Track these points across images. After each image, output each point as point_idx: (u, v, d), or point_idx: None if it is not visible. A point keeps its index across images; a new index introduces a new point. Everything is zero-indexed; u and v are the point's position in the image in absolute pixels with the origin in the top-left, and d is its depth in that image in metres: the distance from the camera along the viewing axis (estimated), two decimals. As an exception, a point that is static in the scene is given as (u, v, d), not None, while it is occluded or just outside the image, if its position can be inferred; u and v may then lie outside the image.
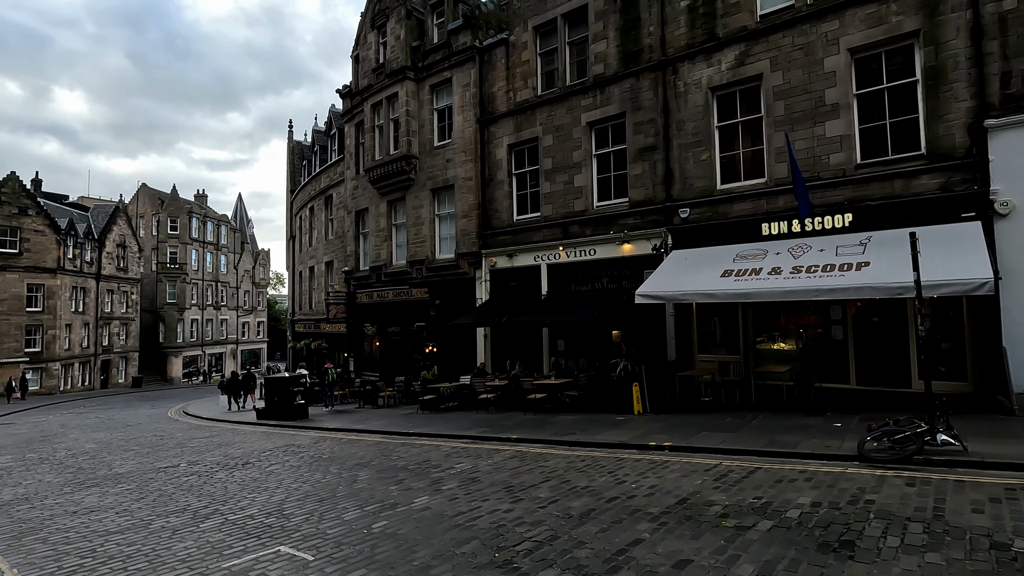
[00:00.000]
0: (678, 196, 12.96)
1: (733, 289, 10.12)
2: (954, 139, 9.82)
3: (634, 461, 7.69)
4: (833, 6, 11.02)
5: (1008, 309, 9.19)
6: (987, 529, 4.28)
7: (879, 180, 10.50)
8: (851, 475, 6.11)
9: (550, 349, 15.33)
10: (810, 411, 10.00)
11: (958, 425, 7.68)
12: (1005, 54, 9.41)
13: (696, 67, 12.76)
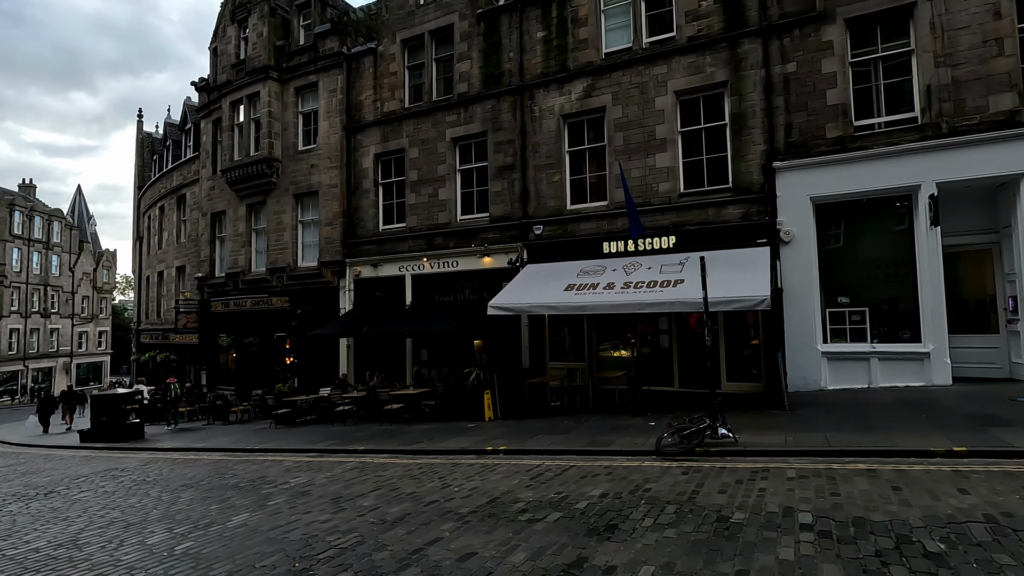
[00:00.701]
0: (533, 214, 13.79)
1: (572, 302, 11.00)
2: (752, 176, 11.57)
3: (468, 466, 8.08)
4: (663, 52, 12.49)
5: (789, 320, 10.99)
6: (719, 506, 5.17)
7: (697, 208, 12.03)
8: (644, 468, 6.98)
9: (413, 359, 15.44)
10: (635, 412, 11.13)
11: (745, 420, 9.05)
12: (788, 108, 11.30)
13: (550, 95, 13.73)
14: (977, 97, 9.87)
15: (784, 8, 11.41)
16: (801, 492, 5.38)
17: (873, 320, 10.90)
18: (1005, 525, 4.15)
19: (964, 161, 9.89)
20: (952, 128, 9.99)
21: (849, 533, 4.27)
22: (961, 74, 9.98)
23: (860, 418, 8.25)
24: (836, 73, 10.90)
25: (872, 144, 10.55)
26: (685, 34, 12.29)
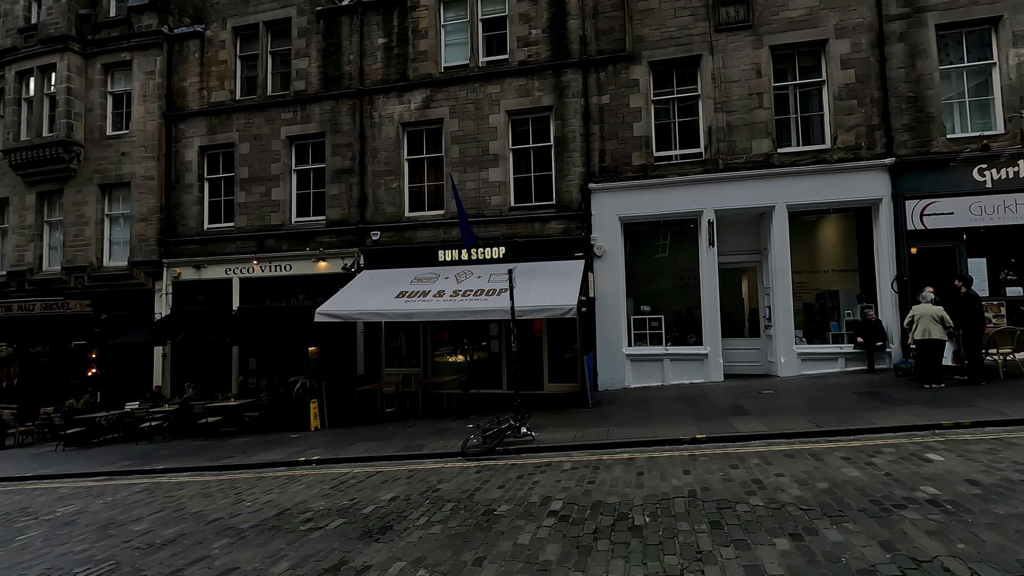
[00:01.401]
0: (371, 219, 13.72)
1: (401, 309, 11.16)
2: (572, 195, 12.67)
3: (272, 479, 7.85)
4: (497, 73, 13.19)
5: (600, 326, 12.21)
6: (492, 500, 5.68)
7: (525, 221, 12.87)
8: (445, 469, 7.36)
9: (240, 368, 14.48)
10: (462, 415, 11.59)
11: (552, 418, 9.86)
12: (603, 136, 12.57)
13: (390, 102, 13.78)
14: (744, 140, 11.84)
15: (600, 45, 12.69)
16: (567, 482, 6.08)
17: (668, 326, 12.51)
18: (700, 499, 5.10)
19: (734, 193, 11.80)
20: (726, 164, 11.87)
21: (584, 515, 4.95)
22: (734, 119, 11.91)
23: (643, 412, 9.46)
24: (641, 108, 12.37)
25: (667, 173, 12.14)
26: (517, 58, 13.11)
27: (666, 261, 13.13)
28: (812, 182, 11.47)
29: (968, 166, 10.82)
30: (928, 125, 11.06)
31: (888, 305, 11.14)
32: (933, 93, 11.08)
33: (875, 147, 11.24)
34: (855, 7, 11.47)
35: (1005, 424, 6.60)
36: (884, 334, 11.04)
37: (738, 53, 11.93)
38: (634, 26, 12.51)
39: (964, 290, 9.07)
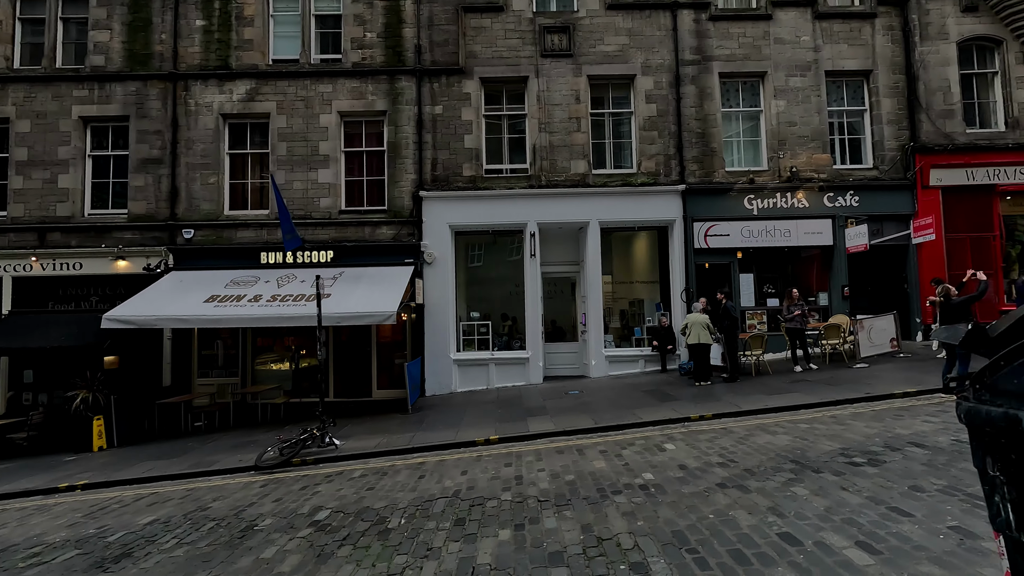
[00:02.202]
0: (183, 216, 12.56)
1: (208, 315, 10.36)
2: (404, 201, 12.73)
3: (17, 510, 6.85)
4: (329, 72, 12.83)
5: (428, 332, 12.39)
6: (260, 515, 5.52)
7: (356, 225, 12.66)
8: (229, 485, 6.98)
9: (11, 383, 12.39)
10: (279, 426, 11.05)
11: (368, 425, 9.79)
12: (435, 145, 12.81)
13: (209, 90, 12.75)
14: (565, 160, 12.80)
15: (435, 56, 12.93)
16: (347, 490, 6.11)
17: (496, 331, 13.08)
18: (461, 498, 5.43)
19: (555, 208, 12.70)
20: (548, 181, 12.74)
21: (344, 523, 5.02)
22: (555, 140, 12.83)
23: (456, 416, 9.78)
24: (472, 122, 12.82)
25: (496, 186, 12.72)
26: (351, 59, 12.88)
27: (498, 269, 13.72)
28: (621, 202, 12.74)
29: (741, 195, 12.77)
30: (712, 158, 12.86)
31: (679, 313, 12.72)
32: (716, 131, 12.91)
33: (671, 174, 12.81)
34: (658, 49, 12.98)
35: (735, 415, 7.91)
36: (674, 338, 12.59)
37: (561, 79, 12.89)
38: (467, 42, 12.94)
39: (724, 301, 10.68)
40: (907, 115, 12.98)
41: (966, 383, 1.90)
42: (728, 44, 13.03)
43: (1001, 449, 1.76)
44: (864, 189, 12.83)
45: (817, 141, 12.90)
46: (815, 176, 12.79)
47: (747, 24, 13.06)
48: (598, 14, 13.02)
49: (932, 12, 13.06)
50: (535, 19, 12.97)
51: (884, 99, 13.03)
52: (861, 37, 13.11)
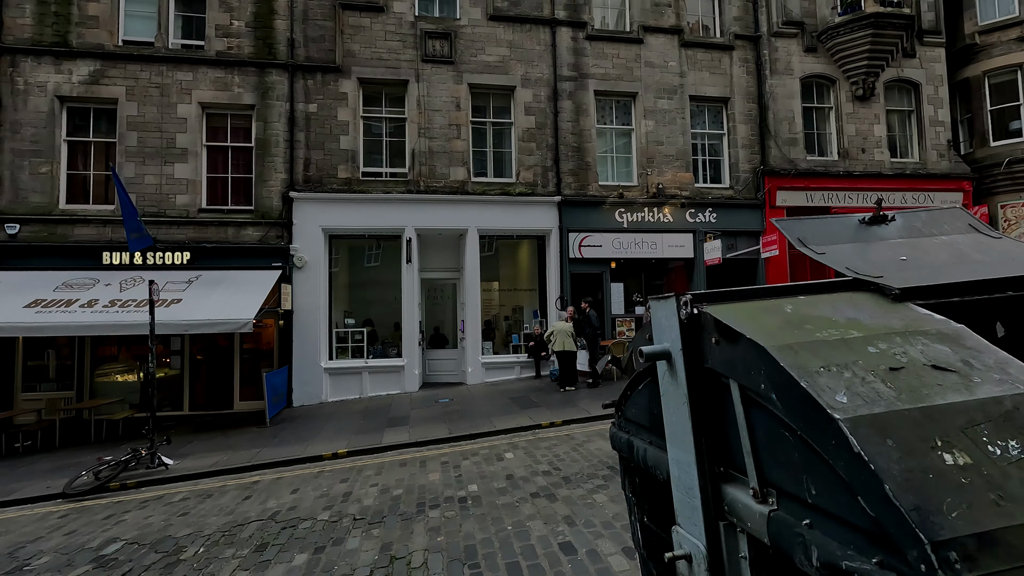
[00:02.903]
0: (7, 209, 11.08)
1: (27, 323, 9.21)
2: (273, 202, 12.08)
3: None
4: (190, 59, 11.90)
5: (297, 339, 11.83)
6: (38, 552, 4.94)
7: (217, 225, 11.82)
8: (22, 517, 6.21)
9: None
10: (113, 443, 10.03)
11: (216, 441, 9.13)
12: (309, 144, 12.28)
13: (42, 68, 11.37)
14: (444, 166, 12.77)
15: (310, 52, 12.41)
16: (156, 517, 5.62)
17: (372, 338, 12.75)
18: (276, 520, 5.18)
19: (434, 214, 12.62)
20: (427, 187, 12.64)
21: (134, 556, 4.60)
22: (435, 146, 12.76)
23: (315, 429, 9.40)
24: (349, 122, 12.44)
25: (373, 189, 12.42)
26: (215, 47, 12.03)
27: (378, 274, 13.40)
28: (500, 210, 12.91)
29: (613, 209, 13.40)
30: (587, 172, 13.39)
31: (554, 320, 13.08)
32: (591, 146, 13.47)
33: (548, 185, 13.18)
34: (537, 63, 13.32)
35: (584, 420, 8.24)
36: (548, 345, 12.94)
37: (442, 85, 12.85)
38: (345, 40, 12.55)
39: (587, 310, 11.14)
40: (759, 141, 14.29)
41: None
42: (603, 63, 13.66)
43: (631, 472, 1.91)
44: (721, 207, 13.94)
45: (681, 160, 13.84)
46: (679, 193, 13.72)
47: (621, 46, 13.76)
48: (480, 24, 13.14)
49: (780, 49, 14.49)
50: (417, 23, 12.84)
51: (740, 125, 14.26)
52: (721, 67, 14.26)
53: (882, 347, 1.09)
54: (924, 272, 1.39)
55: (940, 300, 1.31)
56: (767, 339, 1.10)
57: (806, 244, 1.60)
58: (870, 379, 1.00)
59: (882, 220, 1.69)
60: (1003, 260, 1.48)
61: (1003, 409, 0.93)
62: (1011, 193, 15.33)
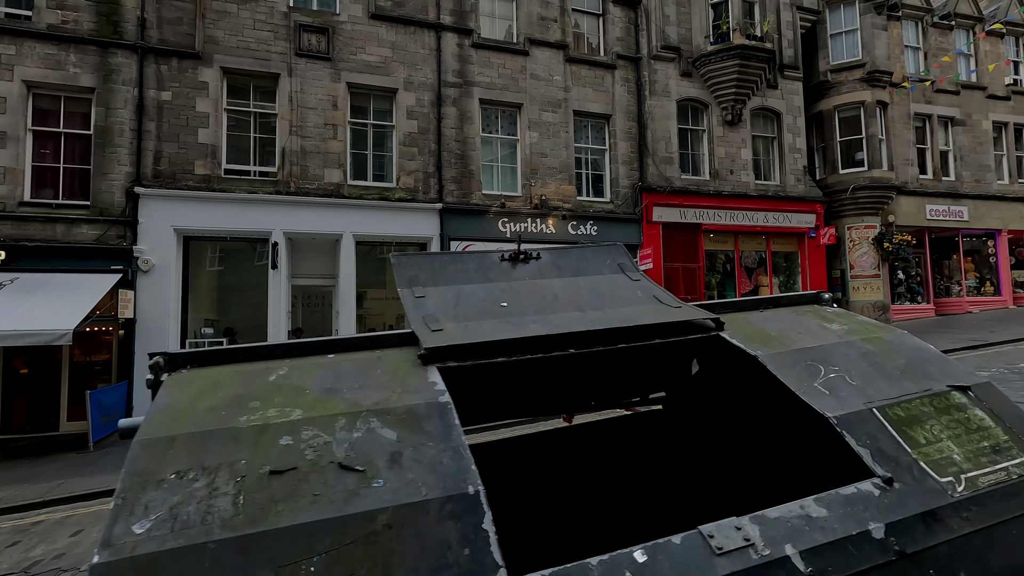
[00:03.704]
0: None
1: None
2: (115, 197, 10.82)
3: None
4: (14, 30, 10.41)
5: (140, 351, 10.63)
6: None
7: (43, 221, 10.38)
8: None
9: None
10: None
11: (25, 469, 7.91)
12: (160, 136, 11.14)
13: None
14: (318, 167, 12.09)
15: (164, 35, 11.29)
16: None
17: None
18: (34, 573, 4.44)
19: (306, 218, 11.90)
20: (299, 188, 11.90)
21: None
22: (309, 145, 12.05)
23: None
24: (210, 115, 11.44)
25: (236, 188, 11.49)
26: (45, 19, 10.61)
27: (245, 279, 12.43)
28: (378, 216, 12.42)
29: (497, 218, 13.34)
30: (470, 180, 13.25)
31: (433, 330, 12.77)
32: (475, 154, 13.35)
33: (430, 192, 12.88)
34: (421, 67, 13.02)
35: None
36: (426, 356, 12.60)
37: (317, 82, 12.18)
38: (207, 25, 11.55)
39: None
40: (638, 158, 14.87)
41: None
42: (489, 72, 13.61)
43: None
44: (602, 220, 14.34)
45: (564, 173, 14.09)
46: (562, 205, 13.94)
47: (507, 56, 13.79)
48: (361, 21, 12.63)
49: (659, 72, 15.20)
50: (290, 14, 12.10)
51: (621, 142, 14.77)
52: (604, 84, 14.71)
53: (306, 435, 0.90)
54: (499, 325, 1.25)
55: (478, 361, 1.16)
56: (156, 429, 0.88)
57: (413, 284, 1.43)
58: (225, 489, 0.80)
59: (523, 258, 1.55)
60: (615, 307, 1.38)
61: (367, 530, 0.75)
62: (855, 216, 17.09)
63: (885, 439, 0.98)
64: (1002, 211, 18.81)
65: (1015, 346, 11.04)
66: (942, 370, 1.20)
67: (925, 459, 0.96)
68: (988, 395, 1.13)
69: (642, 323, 1.28)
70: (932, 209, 17.87)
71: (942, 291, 18.63)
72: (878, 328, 1.37)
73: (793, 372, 1.17)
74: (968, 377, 1.18)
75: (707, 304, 1.64)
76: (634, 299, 1.41)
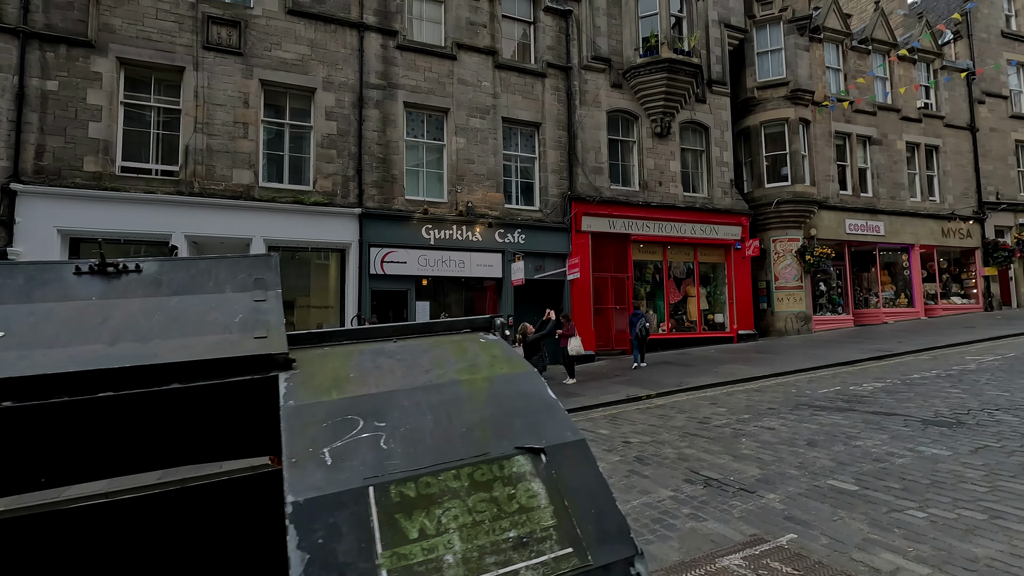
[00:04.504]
0: None
1: None
2: (-12, 194, 9.87)
3: None
4: None
5: None
6: None
7: (-100, 219, 9.34)
8: None
9: None
10: None
11: None
12: (44, 129, 10.26)
13: None
14: (225, 167, 11.42)
15: (52, 20, 10.44)
16: None
17: (127, 361, 10.89)
18: None
19: (211, 220, 11.20)
20: (203, 189, 11.20)
21: None
22: (216, 144, 11.38)
23: None
24: (103, 108, 10.63)
25: (131, 187, 10.69)
26: (-91, -3, 9.62)
27: (141, 286, 11.55)
28: (292, 220, 11.84)
29: (420, 224, 12.97)
30: (392, 185, 12.84)
31: (351, 340, 12.25)
32: (398, 158, 12.96)
33: (348, 196, 12.40)
34: (342, 67, 12.55)
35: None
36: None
37: (226, 77, 11.54)
38: (102, 12, 10.76)
39: (371, 331, 10.49)
40: (568, 167, 14.82)
41: None
42: (415, 75, 13.27)
43: None
44: (531, 228, 14.18)
45: (492, 180, 13.87)
46: (489, 212, 13.70)
47: (434, 60, 13.49)
48: (277, 16, 12.08)
49: (589, 82, 15.24)
50: (198, 6, 11.43)
51: (550, 150, 14.68)
52: (534, 92, 14.62)
53: None
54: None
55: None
56: None
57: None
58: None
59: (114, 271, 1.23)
60: (187, 336, 1.09)
61: None
62: (780, 229, 17.59)
63: (356, 534, 0.72)
64: (915, 227, 19.81)
65: (915, 356, 11.46)
66: (531, 426, 0.96)
67: (398, 564, 0.70)
68: (568, 460, 0.90)
69: (162, 361, 0.99)
70: (851, 224, 18.61)
71: (861, 302, 19.42)
72: (505, 366, 1.13)
73: (310, 430, 0.90)
74: (561, 434, 0.94)
75: (371, 329, 1.37)
76: (221, 327, 1.12)
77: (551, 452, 0.90)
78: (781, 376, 10.41)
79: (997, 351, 11.15)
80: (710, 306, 17.02)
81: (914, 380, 8.73)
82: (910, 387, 8.16)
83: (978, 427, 5.71)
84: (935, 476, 4.44)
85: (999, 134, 21.82)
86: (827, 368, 10.84)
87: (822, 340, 15.13)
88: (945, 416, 6.26)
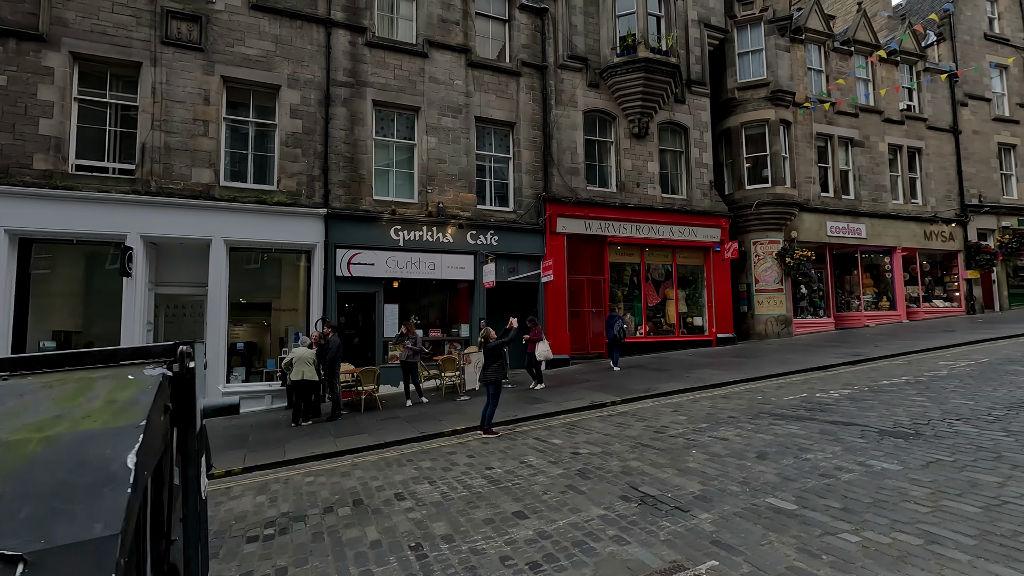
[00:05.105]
0: None
1: None
2: (-69, 192, 9.51)
3: None
4: None
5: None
6: None
7: None
8: None
9: None
10: None
11: None
12: (-8, 125, 9.91)
13: None
14: (184, 166, 11.10)
15: (1, 12, 10.10)
16: None
17: (80, 365, 10.55)
18: None
19: (169, 220, 10.87)
20: (160, 188, 10.87)
21: None
22: (173, 142, 11.05)
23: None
24: (55, 104, 10.29)
25: (83, 186, 10.35)
26: None
27: (108, 286, 11.21)
28: (254, 220, 11.53)
29: (389, 226, 12.68)
30: (360, 185, 12.54)
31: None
32: (367, 158, 12.66)
33: (314, 196, 12.09)
34: (308, 64, 12.25)
35: (277, 465, 7.22)
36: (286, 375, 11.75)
37: (186, 73, 11.22)
38: (54, 5, 10.43)
39: (330, 335, 10.21)
40: (543, 167, 14.56)
41: None
42: (384, 73, 12.99)
43: None
44: (504, 230, 13.91)
45: (464, 181, 13.59)
46: (460, 213, 13.42)
47: (404, 57, 13.22)
48: (240, 11, 11.77)
49: (565, 82, 15.00)
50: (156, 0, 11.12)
51: (525, 150, 14.43)
52: (508, 91, 14.36)
53: None
54: None
55: None
56: None
57: None
58: None
59: None
60: None
61: None
62: (760, 232, 17.40)
63: None
64: (897, 229, 19.67)
65: (890, 361, 11.27)
66: (47, 513, 0.71)
67: None
68: (68, 567, 0.64)
69: None
70: (832, 226, 18.45)
71: (843, 305, 19.25)
72: (97, 422, 0.87)
73: None
74: (84, 529, 0.69)
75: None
76: None
77: (40, 559, 0.64)
78: (751, 382, 10.19)
79: (972, 356, 10.96)
80: (689, 309, 16.79)
81: (882, 387, 8.51)
82: (876, 394, 7.94)
83: (935, 439, 5.49)
84: (879, 494, 4.20)
85: (982, 136, 21.74)
86: (799, 373, 10.63)
87: (800, 344, 14.93)
88: (904, 427, 6.03)
